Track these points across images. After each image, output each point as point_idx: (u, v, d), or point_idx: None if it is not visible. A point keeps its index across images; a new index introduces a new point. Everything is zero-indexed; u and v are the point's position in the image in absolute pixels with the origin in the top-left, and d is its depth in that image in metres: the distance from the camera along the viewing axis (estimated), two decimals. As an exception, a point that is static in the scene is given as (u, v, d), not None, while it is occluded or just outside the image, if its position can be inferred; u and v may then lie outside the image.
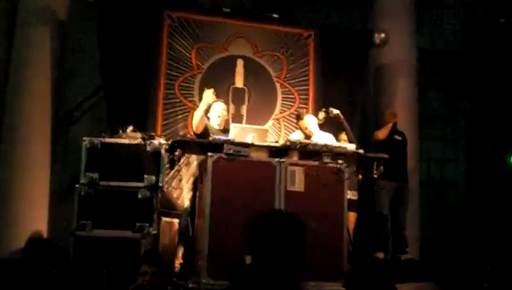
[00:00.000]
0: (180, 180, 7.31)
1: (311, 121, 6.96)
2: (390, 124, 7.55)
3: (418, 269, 7.24)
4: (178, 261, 6.30)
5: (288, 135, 7.52)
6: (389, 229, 7.45)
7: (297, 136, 6.94)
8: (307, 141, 5.87)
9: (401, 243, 7.46)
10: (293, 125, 7.79)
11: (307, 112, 7.47)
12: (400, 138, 7.70)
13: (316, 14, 9.43)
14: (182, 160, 6.55)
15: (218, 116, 6.60)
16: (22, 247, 6.72)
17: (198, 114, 6.42)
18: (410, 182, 7.84)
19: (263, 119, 7.87)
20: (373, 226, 7.67)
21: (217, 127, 6.52)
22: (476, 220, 10.24)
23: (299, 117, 7.22)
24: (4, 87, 7.73)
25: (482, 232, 9.79)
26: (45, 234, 7.19)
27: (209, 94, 6.49)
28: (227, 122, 6.78)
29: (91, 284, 5.03)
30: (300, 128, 7.10)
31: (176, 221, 6.34)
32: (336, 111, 7.09)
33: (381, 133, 7.53)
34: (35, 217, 7.20)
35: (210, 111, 6.64)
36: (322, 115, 7.11)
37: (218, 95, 6.87)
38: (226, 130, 6.41)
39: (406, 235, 7.54)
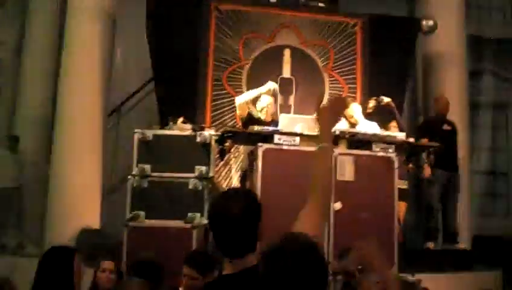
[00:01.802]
0: (230, 170, 7.36)
1: (356, 110, 6.87)
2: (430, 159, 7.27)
3: (470, 259, 7.15)
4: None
5: (334, 125, 7.46)
6: (439, 219, 7.37)
7: (342, 125, 6.87)
8: (356, 130, 5.83)
9: (451, 233, 7.36)
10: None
11: (353, 101, 7.40)
12: (449, 128, 7.56)
13: (362, 2, 9.34)
14: (231, 150, 6.62)
15: (263, 108, 6.59)
16: (74, 238, 6.89)
17: (240, 99, 6.44)
18: (461, 172, 7.72)
19: (311, 110, 7.80)
20: (423, 216, 7.60)
21: (262, 118, 6.52)
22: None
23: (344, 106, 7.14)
24: (56, 81, 7.91)
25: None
26: (98, 225, 7.32)
27: (268, 86, 6.52)
28: (274, 114, 6.78)
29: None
30: (345, 117, 7.02)
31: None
32: (386, 99, 7.01)
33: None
34: (87, 208, 7.32)
35: (259, 101, 6.65)
36: (372, 103, 7.04)
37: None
38: (271, 122, 6.41)
39: (457, 225, 7.44)
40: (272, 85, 6.66)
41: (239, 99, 6.60)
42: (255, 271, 2.05)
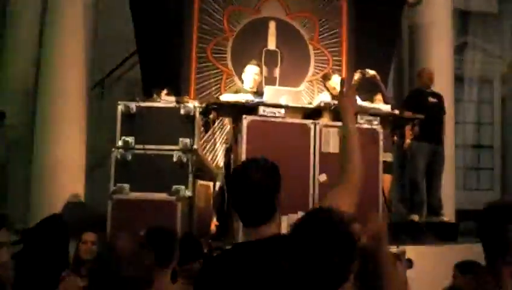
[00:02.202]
0: (215, 143, 7.33)
1: (338, 82, 6.83)
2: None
3: (453, 231, 7.20)
4: (214, 224, 6.35)
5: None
6: (423, 192, 7.40)
7: (324, 97, 6.84)
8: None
9: (436, 205, 7.41)
10: (325, 89, 7.72)
11: (334, 73, 7.34)
12: (435, 100, 7.56)
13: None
14: (216, 122, 6.58)
15: (250, 80, 6.56)
16: (59, 212, 6.85)
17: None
18: (446, 145, 7.74)
19: (296, 82, 7.81)
20: (408, 188, 7.63)
21: (249, 90, 6.49)
22: (510, 184, 10.14)
23: (326, 78, 7.10)
24: (38, 55, 7.80)
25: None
26: (82, 198, 7.29)
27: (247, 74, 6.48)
28: (260, 85, 6.75)
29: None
30: (328, 89, 6.99)
31: (211, 184, 6.37)
32: (372, 72, 6.97)
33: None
34: (72, 181, 7.28)
35: (244, 73, 6.61)
36: (357, 76, 7.00)
37: (251, 58, 6.84)
38: (259, 93, 6.39)
39: (441, 198, 7.48)
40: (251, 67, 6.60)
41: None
42: (271, 241, 2.14)
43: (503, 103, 10.89)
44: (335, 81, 6.80)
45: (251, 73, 6.56)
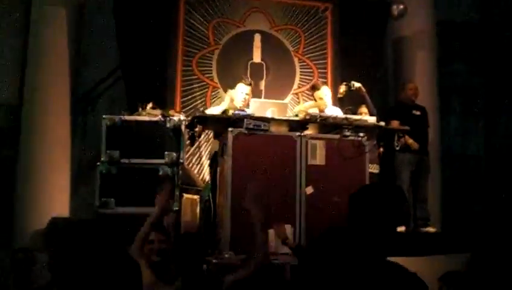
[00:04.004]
0: (201, 156, 7.31)
1: (326, 93, 6.83)
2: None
3: (440, 242, 7.20)
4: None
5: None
6: (410, 203, 7.41)
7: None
8: (327, 114, 5.81)
9: (422, 217, 7.41)
10: (312, 99, 7.73)
11: (323, 84, 7.35)
12: (418, 113, 7.58)
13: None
14: (202, 136, 6.56)
15: (240, 99, 6.55)
16: (44, 227, 6.80)
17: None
18: (431, 155, 7.76)
19: (282, 94, 7.83)
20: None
21: (238, 108, 6.49)
22: (496, 194, 10.16)
23: (315, 88, 7.08)
24: (22, 68, 7.75)
25: (502, 206, 9.71)
26: (67, 213, 7.23)
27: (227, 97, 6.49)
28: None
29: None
30: (315, 99, 6.98)
31: (197, 197, 6.35)
32: (357, 84, 7.00)
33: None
34: (56, 197, 7.23)
35: (235, 90, 6.62)
36: (343, 88, 7.02)
37: (236, 70, 6.85)
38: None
39: (428, 209, 7.49)
40: (229, 93, 6.60)
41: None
42: None
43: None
44: (324, 92, 6.79)
45: (242, 92, 6.52)
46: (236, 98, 6.62)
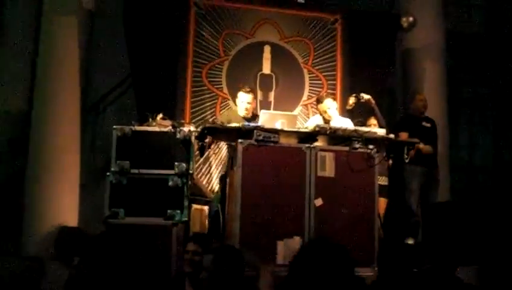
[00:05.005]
0: (210, 167, 7.32)
1: (330, 105, 6.83)
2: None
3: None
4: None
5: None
6: (419, 215, 7.39)
7: (316, 120, 6.85)
8: (337, 126, 5.81)
9: (431, 228, 7.39)
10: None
11: (327, 96, 7.35)
12: (428, 125, 7.58)
13: (342, -1, 9.34)
14: (211, 147, 6.57)
15: (242, 108, 6.62)
16: (53, 237, 6.82)
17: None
18: (440, 168, 7.75)
19: (291, 106, 7.85)
20: (403, 212, 7.61)
21: (242, 117, 6.53)
22: (504, 206, 10.12)
23: (318, 101, 7.10)
24: (32, 77, 7.79)
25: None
26: (76, 224, 7.24)
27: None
28: (255, 109, 6.77)
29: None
30: (320, 112, 7.01)
31: (205, 208, 6.36)
32: (366, 96, 7.02)
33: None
34: (65, 206, 7.25)
35: (237, 99, 6.66)
36: (352, 100, 7.05)
37: (246, 82, 6.87)
38: (253, 118, 6.42)
39: (437, 221, 7.46)
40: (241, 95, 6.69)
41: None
42: None
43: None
44: (327, 105, 6.82)
45: (243, 101, 6.62)
46: (239, 107, 6.66)
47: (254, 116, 6.55)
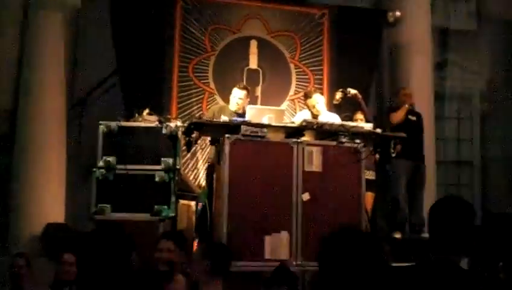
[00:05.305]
0: (197, 162, 7.31)
1: (318, 100, 6.84)
2: (406, 106, 7.43)
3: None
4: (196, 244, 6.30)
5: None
6: (406, 209, 7.41)
7: (304, 115, 6.85)
8: (324, 121, 5.81)
9: (418, 223, 7.42)
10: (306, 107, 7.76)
11: (316, 91, 7.35)
12: (414, 118, 7.59)
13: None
14: (198, 142, 6.55)
15: (233, 103, 6.61)
16: (39, 233, 6.78)
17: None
18: (427, 162, 7.78)
19: (278, 101, 7.84)
20: (390, 206, 7.64)
21: (233, 111, 6.52)
22: (490, 200, 10.18)
23: (307, 96, 7.09)
24: (18, 73, 7.73)
25: (496, 212, 9.72)
26: (62, 219, 7.21)
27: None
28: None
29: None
30: (308, 107, 7.00)
31: (193, 203, 6.34)
32: (353, 91, 7.03)
33: (396, 117, 7.40)
34: (51, 203, 7.22)
35: (231, 94, 6.66)
36: (339, 95, 7.05)
37: (232, 76, 6.86)
38: (239, 114, 6.41)
39: (423, 215, 7.49)
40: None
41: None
42: None
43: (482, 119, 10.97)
44: (316, 100, 6.82)
45: (235, 96, 6.60)
46: (230, 102, 6.65)
47: (244, 113, 6.56)
